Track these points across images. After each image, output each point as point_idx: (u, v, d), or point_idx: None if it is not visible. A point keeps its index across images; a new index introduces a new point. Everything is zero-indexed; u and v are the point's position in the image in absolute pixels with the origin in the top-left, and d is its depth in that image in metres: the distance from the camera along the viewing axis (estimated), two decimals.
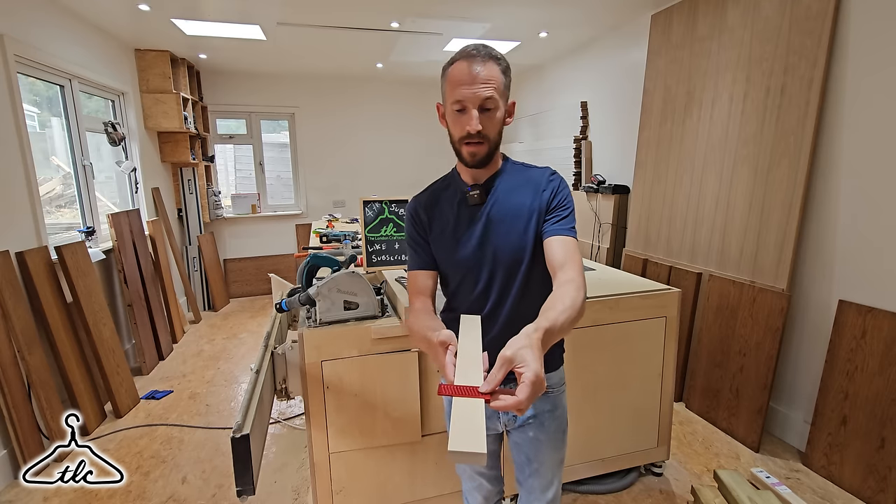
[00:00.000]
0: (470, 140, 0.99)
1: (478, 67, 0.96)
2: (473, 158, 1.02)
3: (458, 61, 0.98)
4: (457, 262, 1.10)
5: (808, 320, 2.26)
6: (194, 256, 4.64)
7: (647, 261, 3.04)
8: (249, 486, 1.20)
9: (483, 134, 0.99)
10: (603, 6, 3.07)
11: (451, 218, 1.11)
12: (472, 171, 1.09)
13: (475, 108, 0.96)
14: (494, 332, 1.08)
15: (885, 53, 1.90)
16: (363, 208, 2.04)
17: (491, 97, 0.96)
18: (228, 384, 3.11)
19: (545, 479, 1.17)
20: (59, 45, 2.85)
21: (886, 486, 1.86)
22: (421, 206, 1.15)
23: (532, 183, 1.07)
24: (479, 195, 1.07)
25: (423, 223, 1.14)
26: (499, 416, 1.16)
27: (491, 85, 0.96)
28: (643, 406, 2.01)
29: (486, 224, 1.07)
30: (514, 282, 1.07)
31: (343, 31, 3.49)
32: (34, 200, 2.47)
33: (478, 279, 1.08)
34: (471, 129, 0.97)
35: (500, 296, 1.08)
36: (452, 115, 1.00)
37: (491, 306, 1.09)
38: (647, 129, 3.12)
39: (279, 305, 1.64)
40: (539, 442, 1.14)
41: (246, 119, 5.16)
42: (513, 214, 1.06)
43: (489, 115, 0.98)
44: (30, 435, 2.17)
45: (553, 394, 1.15)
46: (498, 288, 1.07)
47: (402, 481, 1.75)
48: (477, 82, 0.95)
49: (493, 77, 0.96)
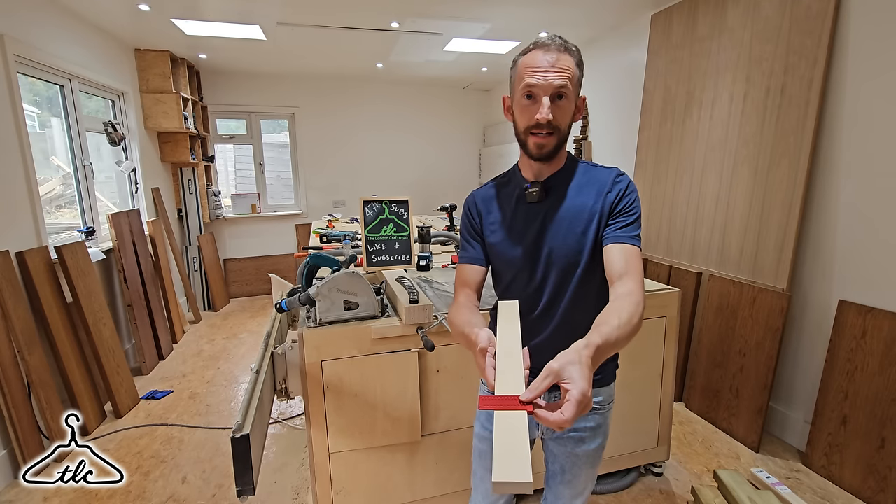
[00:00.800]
0: (538, 130, 0.94)
1: (552, 56, 0.92)
2: (540, 151, 0.97)
3: (533, 50, 0.94)
4: (510, 259, 1.06)
5: (808, 320, 2.26)
6: (194, 256, 4.64)
7: (647, 261, 3.04)
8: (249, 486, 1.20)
9: (553, 125, 0.94)
10: (603, 6, 3.07)
11: (507, 213, 1.07)
12: (535, 167, 1.03)
13: (547, 95, 0.92)
14: (543, 337, 1.05)
15: (885, 53, 1.90)
16: (363, 208, 2.04)
17: (564, 85, 0.92)
18: (228, 384, 3.11)
19: (576, 490, 1.14)
20: (59, 45, 2.85)
21: (886, 486, 1.86)
22: (478, 199, 1.12)
23: (597, 183, 1.01)
24: (539, 192, 1.02)
25: (477, 217, 1.12)
26: (537, 424, 1.10)
27: (565, 74, 0.92)
28: (643, 406, 2.01)
29: (544, 223, 1.02)
30: (568, 286, 1.02)
31: (343, 31, 3.49)
32: (34, 200, 2.47)
33: (530, 279, 1.04)
34: (541, 118, 0.92)
35: (551, 299, 1.03)
36: (521, 103, 0.96)
37: (542, 309, 1.04)
38: (647, 129, 3.12)
39: (279, 305, 1.64)
40: (577, 457, 1.10)
41: (246, 119, 5.16)
42: (573, 215, 1.00)
43: (561, 106, 0.93)
44: (30, 435, 2.17)
45: (600, 411, 1.09)
46: (550, 290, 1.03)
47: (402, 481, 1.75)
48: (550, 70, 0.91)
49: (567, 67, 0.92)
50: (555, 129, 0.95)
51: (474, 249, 1.11)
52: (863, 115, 1.98)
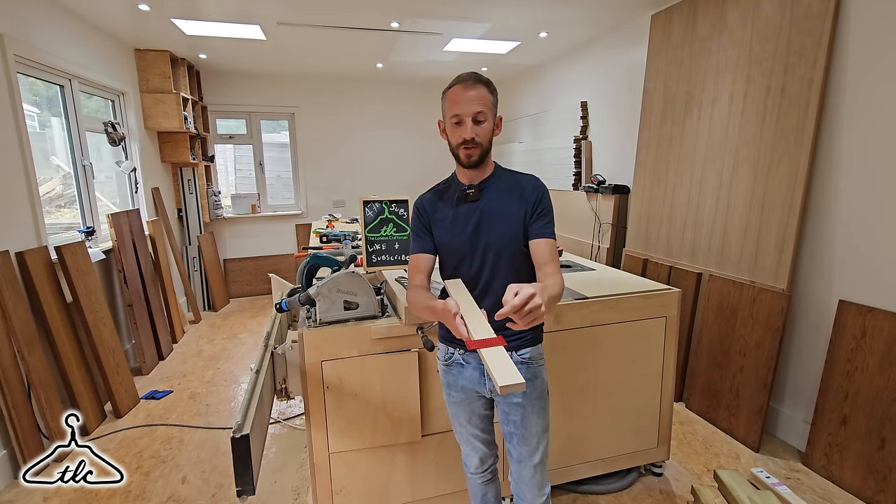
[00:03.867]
0: (466, 145, 1.23)
1: (470, 90, 1.20)
2: (469, 159, 1.25)
3: (455, 86, 1.22)
4: (455, 248, 1.31)
5: (808, 320, 2.26)
6: (194, 256, 4.64)
7: (647, 261, 3.04)
8: (249, 486, 1.20)
9: (476, 140, 1.22)
10: (603, 6, 3.07)
11: (451, 212, 1.33)
12: (468, 174, 1.31)
13: (469, 118, 1.20)
14: (486, 305, 1.26)
15: (885, 53, 1.90)
16: (363, 208, 2.04)
17: (481, 111, 1.21)
18: (228, 384, 3.11)
19: (531, 446, 1.32)
20: (59, 45, 2.85)
21: (886, 486, 1.86)
22: (426, 202, 1.39)
23: (519, 187, 1.31)
24: (475, 193, 1.30)
25: (425, 216, 1.37)
26: (484, 382, 1.32)
27: (481, 102, 1.20)
28: (643, 406, 2.01)
29: (480, 217, 1.29)
30: (502, 268, 1.29)
31: (343, 31, 3.49)
32: (34, 200, 2.47)
33: (472, 262, 1.30)
34: (466, 136, 1.21)
35: (489, 279, 1.30)
36: (451, 127, 1.25)
37: (481, 287, 1.31)
38: (647, 129, 3.12)
39: (279, 305, 1.64)
40: (523, 407, 1.30)
41: (246, 119, 5.16)
42: (503, 210, 1.28)
43: (480, 126, 1.22)
44: (30, 435, 2.17)
45: (533, 365, 1.32)
46: (488, 272, 1.29)
47: (402, 481, 1.75)
48: (470, 100, 1.19)
49: (482, 96, 1.21)
50: (478, 144, 1.23)
51: (424, 242, 1.36)
52: (863, 114, 1.98)
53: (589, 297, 1.84)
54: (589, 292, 1.90)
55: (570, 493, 2.02)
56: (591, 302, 1.83)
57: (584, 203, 3.87)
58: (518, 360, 1.31)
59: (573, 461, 1.95)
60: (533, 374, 1.32)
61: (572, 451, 1.94)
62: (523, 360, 1.32)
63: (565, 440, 1.91)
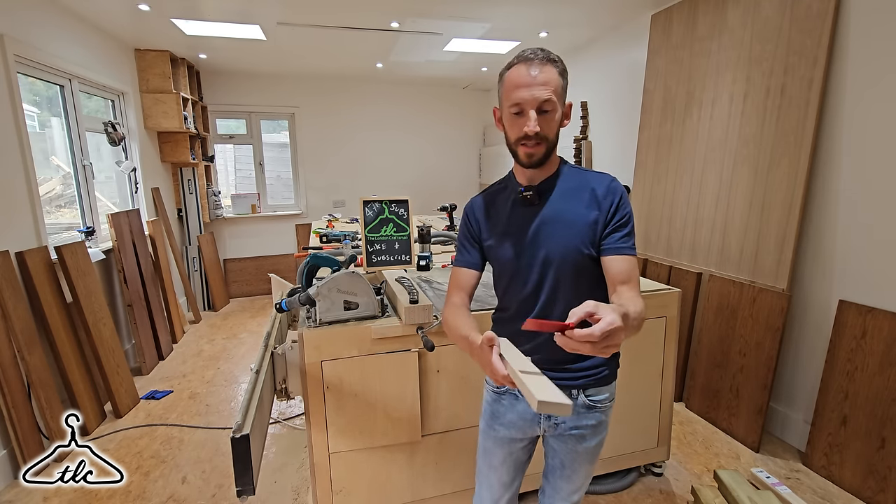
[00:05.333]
0: (527, 141, 0.99)
1: (535, 70, 0.96)
2: (530, 159, 1.02)
3: (516, 65, 0.99)
4: (507, 261, 1.10)
5: (808, 320, 2.26)
6: (194, 256, 4.64)
7: (648, 261, 3.04)
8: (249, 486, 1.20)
9: (541, 135, 0.99)
10: (603, 6, 3.07)
11: (504, 217, 1.12)
12: (528, 173, 1.08)
13: (533, 109, 0.97)
14: (542, 338, 1.05)
15: (885, 53, 1.90)
16: (363, 208, 2.04)
17: (549, 99, 0.96)
18: (228, 384, 3.11)
19: (574, 485, 1.17)
20: (59, 45, 2.85)
21: (886, 486, 1.86)
22: (476, 207, 1.18)
23: (589, 187, 1.06)
24: (533, 196, 1.07)
25: (474, 223, 1.17)
26: (539, 422, 1.13)
27: (549, 87, 0.96)
28: (643, 406, 2.01)
29: (539, 225, 1.06)
30: (564, 287, 1.05)
31: (343, 31, 3.49)
32: (34, 200, 2.47)
33: (527, 280, 1.08)
34: (528, 131, 0.97)
35: (549, 299, 1.07)
36: (510, 117, 1.01)
37: (539, 309, 1.08)
38: (647, 129, 3.12)
39: (279, 305, 1.64)
40: (577, 454, 1.13)
41: (246, 119, 5.16)
42: (567, 217, 1.04)
43: (547, 117, 0.98)
44: (30, 435, 2.17)
45: (600, 409, 1.12)
46: (548, 291, 1.06)
47: (402, 481, 1.75)
48: (535, 85, 0.96)
49: (550, 79, 0.97)
50: (543, 139, 0.99)
51: (470, 255, 1.16)
52: (863, 114, 1.98)
53: None
54: None
55: None
56: None
57: None
58: (584, 403, 1.10)
59: None
60: (598, 419, 1.12)
61: None
62: (591, 402, 1.10)
63: None
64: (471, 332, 0.96)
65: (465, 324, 1.01)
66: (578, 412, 1.11)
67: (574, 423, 1.11)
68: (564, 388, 1.07)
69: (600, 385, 1.11)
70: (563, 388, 1.05)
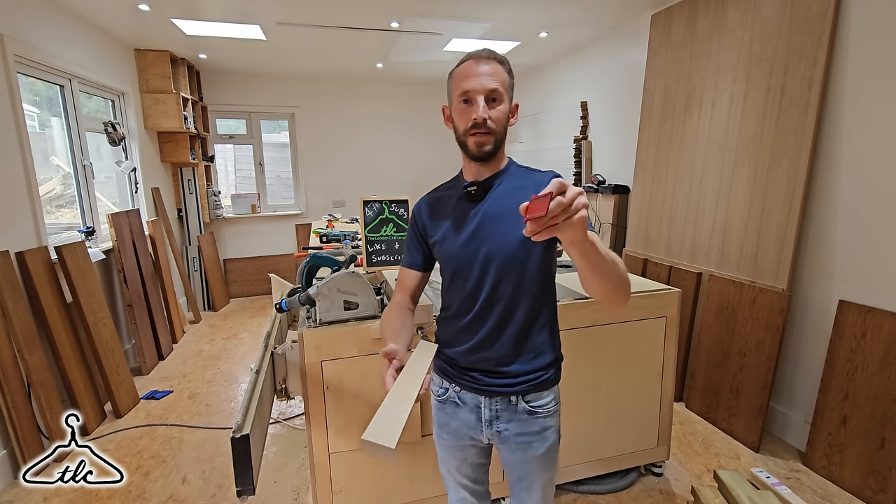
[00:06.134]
0: (476, 130, 0.99)
1: (483, 65, 0.99)
2: (480, 149, 1.01)
3: (465, 62, 1.01)
4: (449, 257, 1.09)
5: (808, 320, 2.26)
6: (194, 256, 4.64)
7: (648, 261, 3.04)
8: (249, 486, 1.20)
9: (489, 125, 0.99)
10: (603, 6, 3.07)
11: (449, 214, 1.11)
12: (475, 168, 1.07)
13: (482, 96, 0.98)
14: (482, 336, 1.06)
15: (885, 53, 1.90)
16: (363, 208, 2.04)
17: (496, 89, 0.99)
18: (228, 384, 3.11)
19: (535, 497, 1.16)
20: (59, 45, 2.85)
21: (886, 486, 1.86)
22: (424, 205, 1.18)
23: (534, 182, 1.04)
24: (478, 192, 1.06)
25: (421, 222, 1.16)
26: (482, 429, 1.11)
27: (496, 79, 0.99)
28: (643, 406, 2.01)
29: (482, 222, 1.04)
30: (505, 284, 1.03)
31: (343, 31, 3.49)
32: (34, 200, 2.47)
33: (468, 277, 1.06)
34: (477, 117, 0.97)
35: (489, 297, 1.04)
36: (459, 108, 1.01)
37: (479, 308, 1.06)
38: (647, 129, 3.11)
39: (279, 305, 1.64)
40: (528, 463, 1.11)
41: (246, 119, 5.16)
42: (510, 214, 1.02)
43: (495, 107, 1.00)
44: (30, 435, 2.17)
45: (542, 415, 1.09)
46: (488, 288, 1.04)
47: (402, 481, 1.74)
48: (483, 75, 0.98)
49: (498, 73, 1.00)
50: (491, 130, 1.00)
51: (412, 254, 1.18)
52: (863, 114, 1.98)
53: (589, 298, 1.84)
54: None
55: (570, 492, 2.02)
56: (591, 302, 1.83)
57: None
58: (525, 409, 1.08)
59: (573, 461, 1.95)
60: (541, 426, 1.09)
61: (572, 451, 1.94)
62: (532, 409, 1.08)
63: (565, 440, 1.91)
64: (388, 338, 1.00)
65: (389, 328, 1.06)
66: (521, 419, 1.08)
67: (518, 430, 1.09)
68: (503, 394, 1.07)
69: (540, 389, 1.08)
70: (502, 395, 1.08)
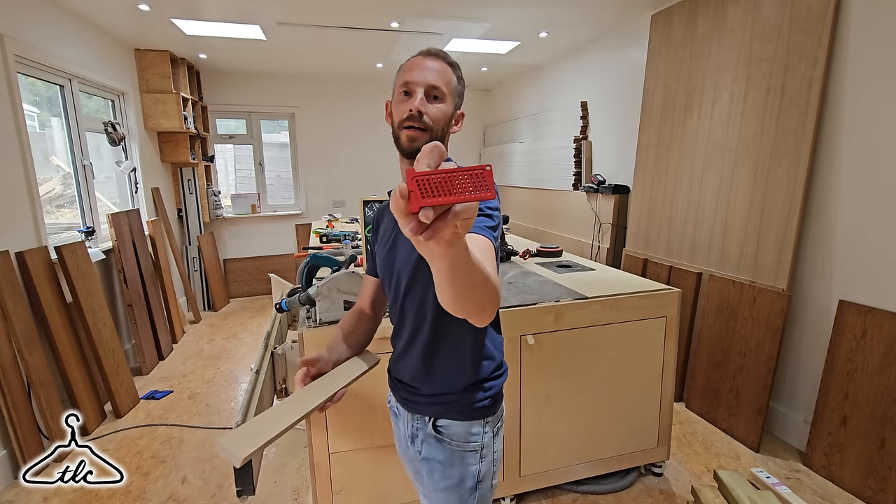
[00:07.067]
0: (411, 123, 0.90)
1: (431, 61, 0.93)
2: (411, 144, 0.90)
3: (415, 56, 0.95)
4: (378, 268, 1.05)
5: (808, 320, 2.26)
6: (194, 256, 4.64)
7: (647, 261, 3.04)
8: (249, 486, 1.20)
9: (425, 120, 0.90)
10: (603, 6, 3.07)
11: (388, 222, 1.05)
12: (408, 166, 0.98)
13: (421, 89, 0.90)
14: (400, 349, 1.00)
15: (885, 53, 1.90)
16: (363, 208, 2.04)
17: (438, 87, 0.91)
18: (228, 384, 3.11)
19: None
20: (59, 45, 2.85)
21: (886, 486, 1.86)
22: (379, 210, 1.12)
23: None
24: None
25: (374, 228, 1.12)
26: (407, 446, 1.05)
27: (441, 77, 0.92)
28: (643, 406, 2.01)
29: (398, 233, 0.98)
30: (412, 296, 0.94)
31: (343, 31, 3.49)
32: (34, 200, 2.47)
33: (388, 288, 1.00)
34: (413, 108, 0.89)
35: (401, 312, 0.98)
36: (398, 99, 0.93)
37: (398, 320, 1.00)
38: (647, 129, 3.11)
39: (279, 305, 1.64)
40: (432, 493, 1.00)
41: (246, 119, 5.16)
42: None
43: (435, 105, 0.92)
44: (30, 435, 2.17)
45: (454, 448, 0.96)
46: (400, 304, 0.97)
47: (402, 481, 1.74)
48: (428, 69, 0.91)
49: (444, 72, 0.93)
50: (427, 126, 0.91)
51: (369, 261, 1.14)
52: (863, 114, 1.98)
53: (589, 297, 1.84)
54: (589, 292, 1.90)
55: (569, 493, 2.02)
56: (591, 302, 1.83)
57: (584, 203, 3.87)
58: (432, 433, 0.96)
59: (573, 461, 1.95)
60: (447, 457, 0.96)
61: (572, 451, 1.94)
62: (438, 436, 0.96)
63: (565, 440, 1.91)
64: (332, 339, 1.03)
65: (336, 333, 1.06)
66: (430, 443, 0.98)
67: (427, 454, 0.99)
68: (418, 412, 0.99)
69: (451, 418, 0.96)
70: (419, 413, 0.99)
